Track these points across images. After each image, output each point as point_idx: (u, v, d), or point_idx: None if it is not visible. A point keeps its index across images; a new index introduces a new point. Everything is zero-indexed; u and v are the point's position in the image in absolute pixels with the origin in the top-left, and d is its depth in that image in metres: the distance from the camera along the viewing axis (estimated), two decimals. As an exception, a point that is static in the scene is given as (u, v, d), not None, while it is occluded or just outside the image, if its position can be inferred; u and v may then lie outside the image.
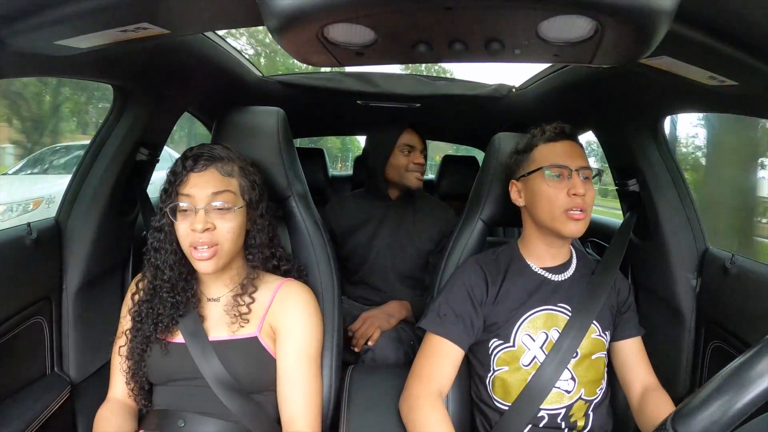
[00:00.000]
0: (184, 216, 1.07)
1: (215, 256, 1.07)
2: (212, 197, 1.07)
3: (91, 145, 1.37)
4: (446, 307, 1.19)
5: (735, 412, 0.61)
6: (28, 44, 0.86)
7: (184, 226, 1.07)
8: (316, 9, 0.59)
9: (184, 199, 1.07)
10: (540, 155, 1.20)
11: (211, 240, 1.06)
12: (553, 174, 1.16)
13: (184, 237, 1.07)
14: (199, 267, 1.08)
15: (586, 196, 1.14)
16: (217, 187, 1.08)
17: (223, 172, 1.10)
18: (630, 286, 1.31)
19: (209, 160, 1.10)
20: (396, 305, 1.77)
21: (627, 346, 1.24)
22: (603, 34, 0.63)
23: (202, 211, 1.06)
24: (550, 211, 1.17)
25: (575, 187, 1.13)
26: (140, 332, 1.12)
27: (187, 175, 1.08)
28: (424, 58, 0.73)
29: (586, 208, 1.15)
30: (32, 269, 1.23)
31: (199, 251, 1.06)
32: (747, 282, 1.21)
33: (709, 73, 0.88)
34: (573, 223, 1.15)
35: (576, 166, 1.15)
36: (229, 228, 1.08)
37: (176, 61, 1.30)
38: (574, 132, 1.21)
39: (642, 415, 1.16)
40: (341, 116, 2.60)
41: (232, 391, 1.08)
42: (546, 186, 1.17)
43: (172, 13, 0.81)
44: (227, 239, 1.08)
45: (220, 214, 1.07)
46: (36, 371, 1.27)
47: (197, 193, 1.07)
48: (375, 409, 1.19)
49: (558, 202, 1.15)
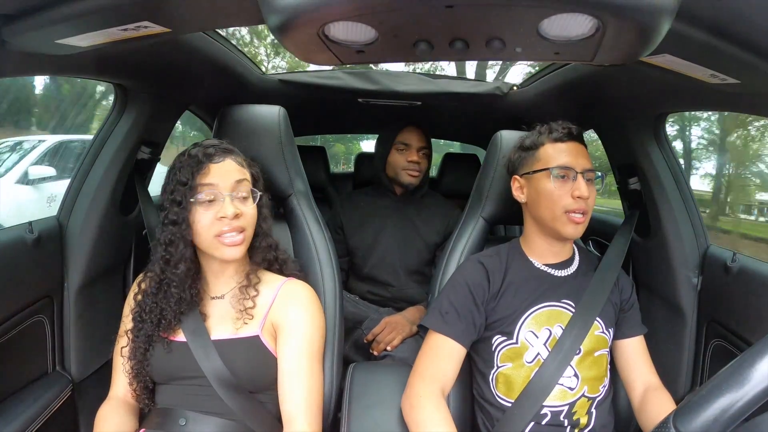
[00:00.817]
0: (208, 206, 1.08)
1: (244, 242, 1.10)
2: (236, 185, 1.10)
3: (92, 144, 1.37)
4: (448, 305, 1.19)
5: (737, 410, 0.61)
6: (28, 43, 0.86)
7: (208, 215, 1.08)
8: (317, 7, 0.59)
9: (207, 189, 1.08)
10: (546, 154, 1.19)
11: (240, 225, 1.09)
12: (558, 175, 1.16)
13: (208, 227, 1.08)
14: (228, 253, 1.09)
15: (589, 199, 1.15)
16: (239, 176, 1.12)
17: (237, 162, 1.13)
18: (633, 285, 1.31)
19: (224, 151, 1.12)
20: (416, 311, 1.78)
21: (629, 345, 1.24)
22: (604, 32, 0.63)
23: (229, 198, 1.08)
24: (551, 211, 1.17)
25: (579, 189, 1.14)
26: (142, 331, 1.12)
27: (207, 165, 1.09)
28: (425, 56, 0.73)
29: (587, 210, 1.16)
30: (34, 268, 1.23)
31: (228, 237, 1.08)
32: (748, 280, 1.21)
33: (711, 71, 0.87)
34: (572, 225, 1.16)
35: (581, 168, 1.16)
36: (252, 214, 1.12)
37: (177, 59, 1.30)
38: (581, 133, 1.21)
39: (643, 413, 1.17)
40: (342, 114, 2.60)
41: (233, 390, 1.08)
42: (550, 186, 1.17)
43: (172, 12, 0.81)
44: (250, 224, 1.12)
45: (243, 201, 1.11)
46: (38, 370, 1.27)
47: (221, 181, 1.09)
48: (376, 407, 1.19)
49: (561, 203, 1.15)
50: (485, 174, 1.43)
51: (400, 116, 2.01)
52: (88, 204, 1.34)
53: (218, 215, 1.07)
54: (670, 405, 1.15)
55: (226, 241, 1.08)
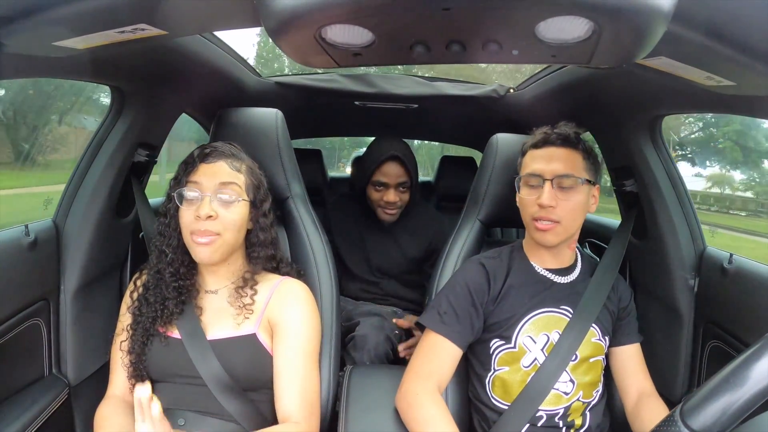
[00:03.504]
0: (190, 203, 1.11)
1: (213, 244, 1.09)
2: (219, 187, 1.11)
3: (88, 146, 1.37)
4: (447, 305, 1.19)
5: (744, 403, 0.61)
6: (25, 45, 0.86)
7: (189, 212, 1.10)
8: (314, 10, 0.59)
9: (192, 186, 1.11)
10: (525, 161, 1.21)
11: (213, 228, 1.09)
12: (525, 183, 1.18)
13: (187, 224, 1.10)
14: (197, 253, 1.11)
15: (559, 207, 1.13)
16: (226, 179, 1.12)
17: (231, 166, 1.14)
18: (631, 293, 1.31)
19: (221, 154, 1.14)
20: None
21: (625, 352, 1.24)
22: (600, 35, 0.63)
23: (208, 199, 1.09)
24: (524, 218, 1.19)
25: (541, 197, 1.13)
26: (140, 325, 1.13)
27: (198, 165, 1.13)
28: (422, 59, 0.74)
29: (556, 219, 1.14)
30: (30, 271, 1.23)
31: (198, 236, 1.08)
32: (745, 282, 1.22)
33: (707, 73, 0.88)
34: (539, 233, 1.16)
35: (551, 174, 1.14)
36: (232, 219, 1.11)
37: (174, 62, 1.30)
38: (565, 137, 1.18)
39: (637, 419, 1.17)
40: (339, 117, 2.60)
41: (229, 391, 1.08)
42: (522, 193, 1.19)
43: (169, 14, 0.81)
44: (228, 229, 1.11)
45: (224, 204, 1.11)
46: (34, 373, 1.27)
47: (205, 181, 1.11)
48: (374, 409, 1.19)
49: (528, 211, 1.17)
50: (482, 177, 1.43)
51: (397, 120, 2.00)
52: (84, 206, 1.34)
53: (195, 214, 1.08)
54: (664, 412, 1.15)
55: (196, 241, 1.09)
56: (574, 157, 1.17)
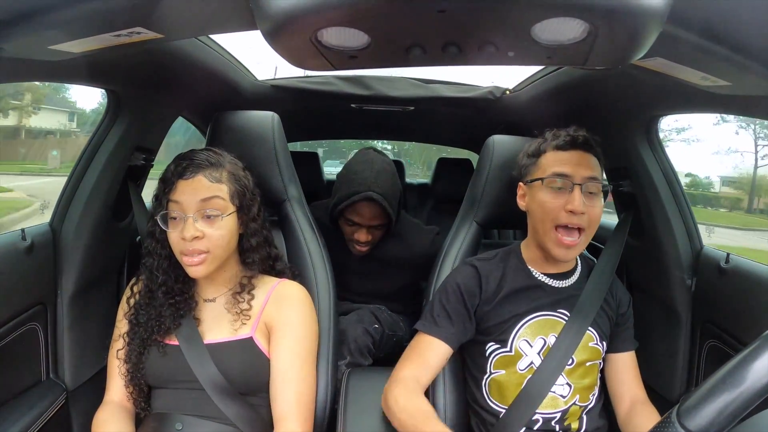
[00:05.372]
0: (175, 224, 1.08)
1: (205, 262, 1.08)
2: (201, 204, 1.07)
3: (85, 150, 1.36)
4: (440, 308, 1.19)
5: (742, 403, 0.60)
6: (21, 49, 0.86)
7: (174, 234, 1.08)
8: (310, 13, 0.59)
9: (173, 207, 1.08)
10: (546, 162, 1.15)
11: (201, 248, 1.07)
12: (553, 186, 1.11)
13: (175, 244, 1.09)
14: (191, 272, 1.10)
15: (587, 214, 1.08)
16: (206, 194, 1.07)
17: (211, 178, 1.09)
18: (630, 299, 1.30)
19: (197, 167, 1.09)
20: None
21: (620, 359, 1.23)
22: (596, 36, 0.64)
23: (191, 220, 1.06)
24: (543, 225, 1.13)
25: (572, 202, 1.07)
26: (137, 335, 1.12)
27: (176, 182, 1.08)
28: (418, 61, 0.74)
29: (584, 227, 1.10)
30: (26, 275, 1.22)
31: (189, 257, 1.07)
32: (742, 281, 1.22)
33: (702, 73, 0.88)
34: (563, 249, 1.11)
35: (581, 178, 1.09)
36: (219, 235, 1.08)
37: (170, 65, 1.30)
38: (588, 141, 1.14)
39: (629, 426, 1.16)
40: (335, 120, 2.60)
41: (227, 395, 1.08)
42: (543, 196, 1.12)
43: (165, 18, 0.81)
44: (217, 246, 1.09)
45: (209, 221, 1.08)
46: (31, 378, 1.26)
47: (185, 200, 1.07)
48: (372, 411, 1.19)
49: (551, 216, 1.10)
50: (478, 178, 1.43)
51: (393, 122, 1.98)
52: (81, 210, 1.33)
53: (180, 236, 1.07)
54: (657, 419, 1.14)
55: (186, 261, 1.08)
56: (595, 162, 1.14)
